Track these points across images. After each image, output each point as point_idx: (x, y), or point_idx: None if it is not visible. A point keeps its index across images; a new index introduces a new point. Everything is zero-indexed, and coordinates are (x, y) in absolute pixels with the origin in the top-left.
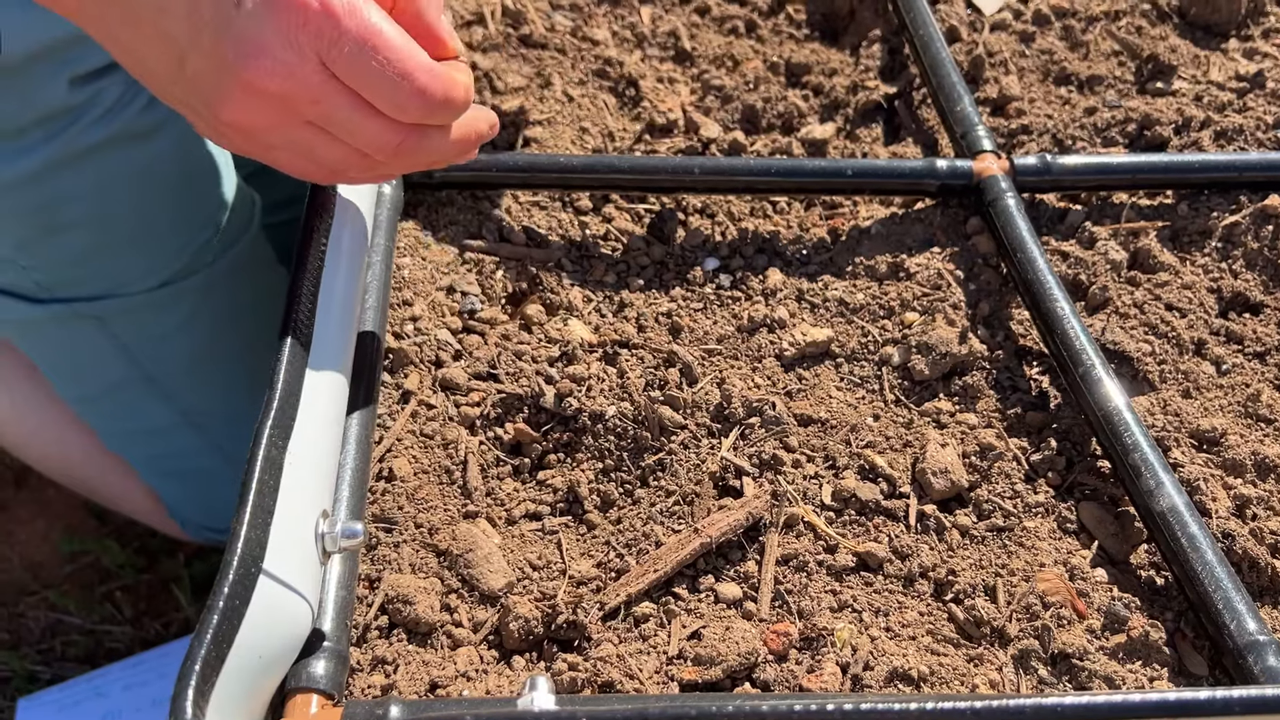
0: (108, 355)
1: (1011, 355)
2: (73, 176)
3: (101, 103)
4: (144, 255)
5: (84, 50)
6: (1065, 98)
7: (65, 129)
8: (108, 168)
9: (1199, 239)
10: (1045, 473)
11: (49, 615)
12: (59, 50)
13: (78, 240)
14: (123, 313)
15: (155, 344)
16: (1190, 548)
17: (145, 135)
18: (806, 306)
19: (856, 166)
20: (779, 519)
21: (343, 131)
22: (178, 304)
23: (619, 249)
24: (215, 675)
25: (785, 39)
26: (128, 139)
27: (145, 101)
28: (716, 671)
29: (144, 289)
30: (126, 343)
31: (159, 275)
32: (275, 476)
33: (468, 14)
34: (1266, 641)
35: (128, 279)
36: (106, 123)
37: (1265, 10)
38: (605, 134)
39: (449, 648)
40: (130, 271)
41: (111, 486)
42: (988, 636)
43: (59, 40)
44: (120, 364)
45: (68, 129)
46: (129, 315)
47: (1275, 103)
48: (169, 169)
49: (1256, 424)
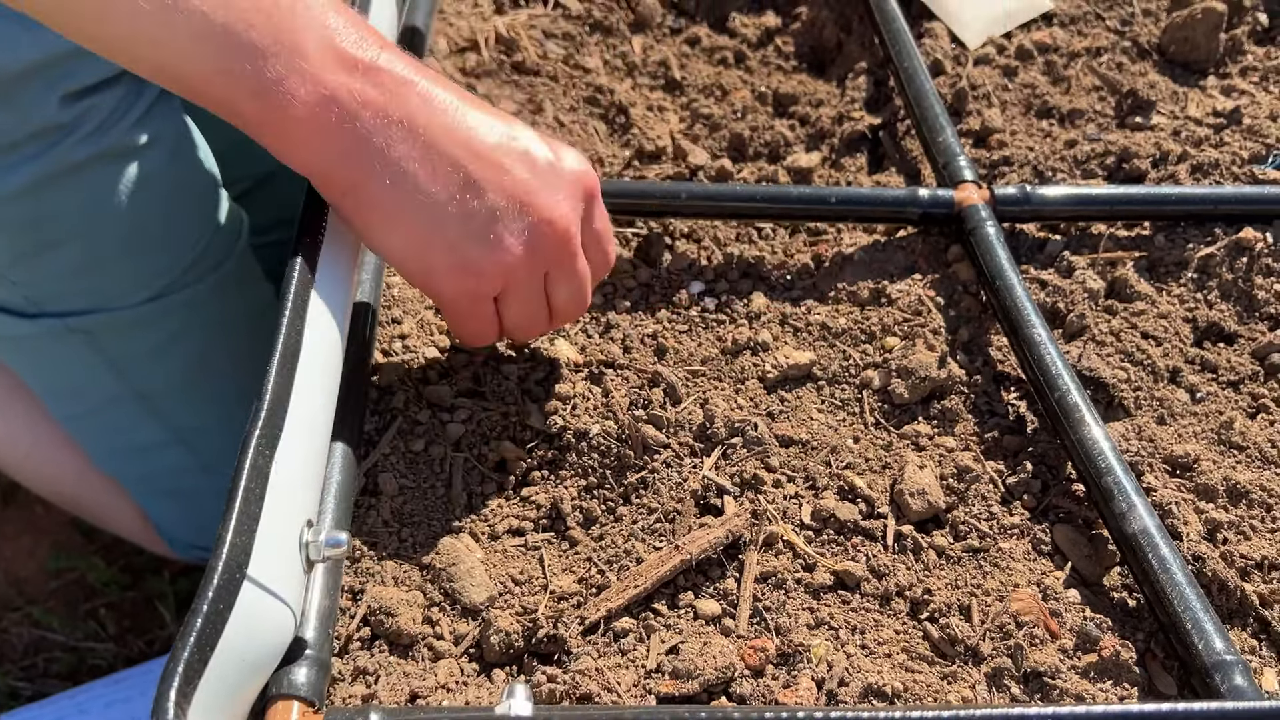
0: (97, 371)
1: (990, 380)
2: (63, 192)
3: (92, 119)
4: (133, 271)
5: (75, 66)
6: (1046, 130)
7: (56, 145)
8: (98, 184)
9: (1175, 270)
10: (1021, 495)
11: (32, 632)
12: (51, 66)
13: (67, 255)
14: (112, 328)
15: (144, 360)
16: (1161, 569)
17: (135, 152)
18: (789, 330)
19: (840, 194)
20: (759, 537)
21: (564, 292)
22: (166, 320)
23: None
24: (198, 678)
25: (773, 70)
26: (118, 155)
27: (136, 118)
28: (693, 685)
29: (133, 304)
30: (115, 358)
31: (148, 290)
32: (261, 485)
33: (461, 40)
34: (1233, 661)
35: (117, 294)
36: (97, 139)
37: (1243, 49)
38: (595, 159)
39: (430, 660)
40: (119, 286)
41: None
42: (961, 655)
43: (51, 57)
44: (109, 380)
45: (58, 145)
46: (118, 330)
47: (1251, 138)
48: (159, 186)
49: (1229, 451)
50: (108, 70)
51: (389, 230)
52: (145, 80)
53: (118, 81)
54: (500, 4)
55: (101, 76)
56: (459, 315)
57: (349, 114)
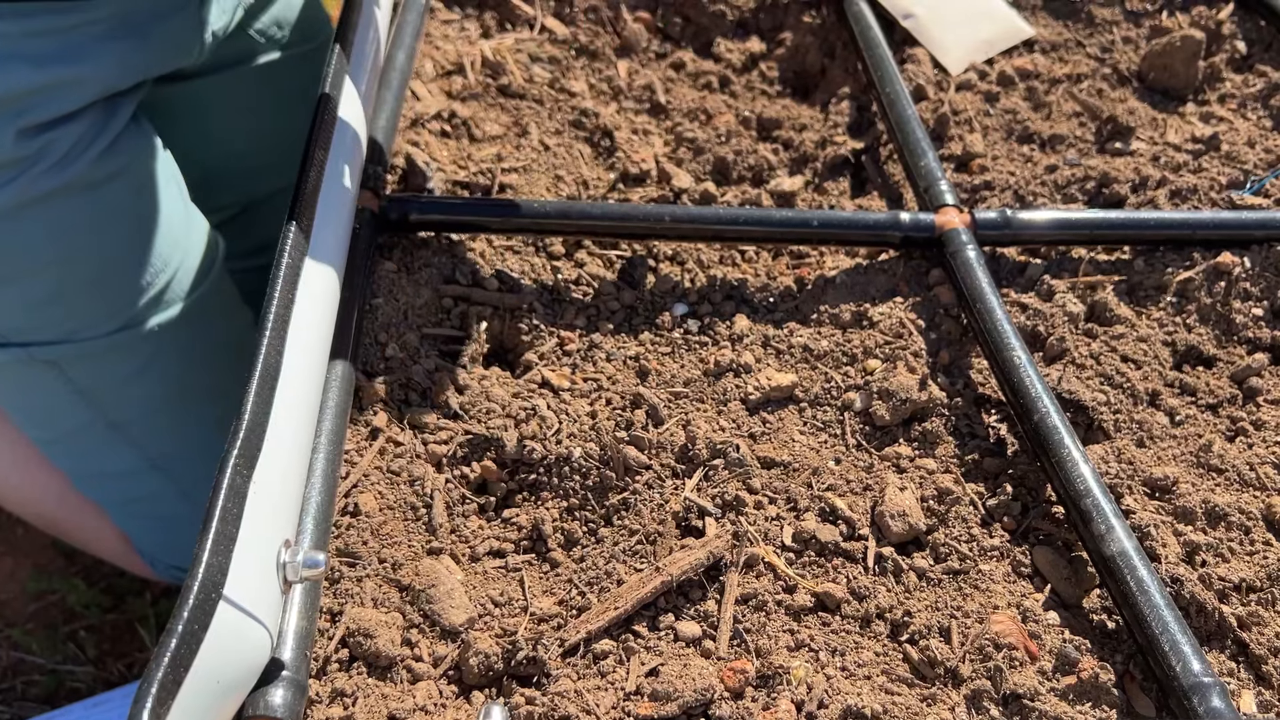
0: (65, 401)
1: (970, 403)
2: (25, 225)
3: (52, 154)
4: (101, 301)
5: (34, 101)
6: (1027, 155)
7: (14, 179)
8: (62, 216)
9: (1154, 293)
10: (1001, 517)
11: (11, 655)
12: (8, 103)
13: (32, 287)
14: (80, 358)
15: (116, 389)
16: (1140, 591)
17: (100, 184)
18: (772, 352)
19: (823, 218)
20: (740, 559)
21: None
22: (136, 349)
23: (590, 293)
24: (171, 699)
25: (757, 95)
26: (82, 188)
27: (99, 151)
28: (672, 707)
29: (101, 334)
30: (85, 388)
31: (116, 321)
32: (239, 504)
33: (448, 64)
34: (1211, 683)
35: (85, 324)
36: (57, 172)
37: (1221, 77)
38: (580, 182)
39: (409, 682)
40: (87, 317)
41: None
42: (941, 676)
43: (8, 94)
44: (79, 409)
45: (17, 179)
46: (87, 360)
47: (1229, 164)
48: (125, 217)
49: (1208, 474)
50: (69, 105)
51: None
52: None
53: (80, 116)
54: (487, 28)
55: (62, 111)
56: None
57: None
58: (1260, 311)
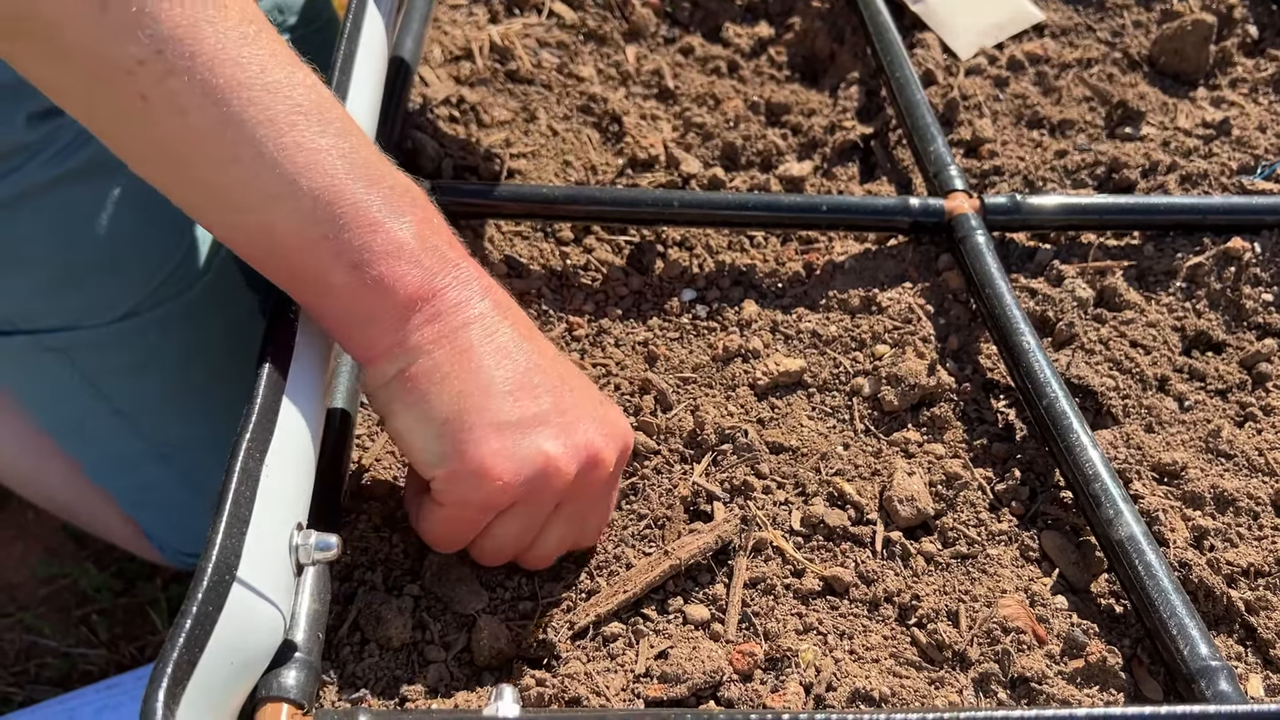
0: (72, 388)
1: (979, 388)
2: (31, 212)
3: (59, 139)
4: (107, 288)
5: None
6: (1037, 141)
7: (22, 165)
8: (67, 203)
9: (1164, 279)
10: (1009, 502)
11: (24, 638)
12: (15, 88)
13: (39, 274)
14: (86, 345)
15: (121, 377)
16: (1147, 576)
17: (104, 171)
18: (780, 338)
19: (832, 203)
20: (748, 543)
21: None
22: (141, 337)
23: (599, 279)
24: (186, 679)
25: (766, 80)
26: (87, 174)
27: None
28: (682, 689)
29: (107, 321)
30: (91, 375)
31: (122, 308)
32: (252, 488)
33: (456, 49)
34: (1219, 667)
35: (91, 312)
36: (63, 159)
37: (1232, 61)
38: (588, 167)
39: (420, 664)
40: (93, 304)
41: (92, 512)
42: (949, 660)
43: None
44: (86, 397)
45: (25, 165)
46: (93, 348)
47: (1240, 149)
48: (130, 203)
49: (1216, 459)
50: None
51: (439, 393)
52: None
53: None
54: (495, 13)
55: None
56: (454, 513)
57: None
58: (1270, 297)
